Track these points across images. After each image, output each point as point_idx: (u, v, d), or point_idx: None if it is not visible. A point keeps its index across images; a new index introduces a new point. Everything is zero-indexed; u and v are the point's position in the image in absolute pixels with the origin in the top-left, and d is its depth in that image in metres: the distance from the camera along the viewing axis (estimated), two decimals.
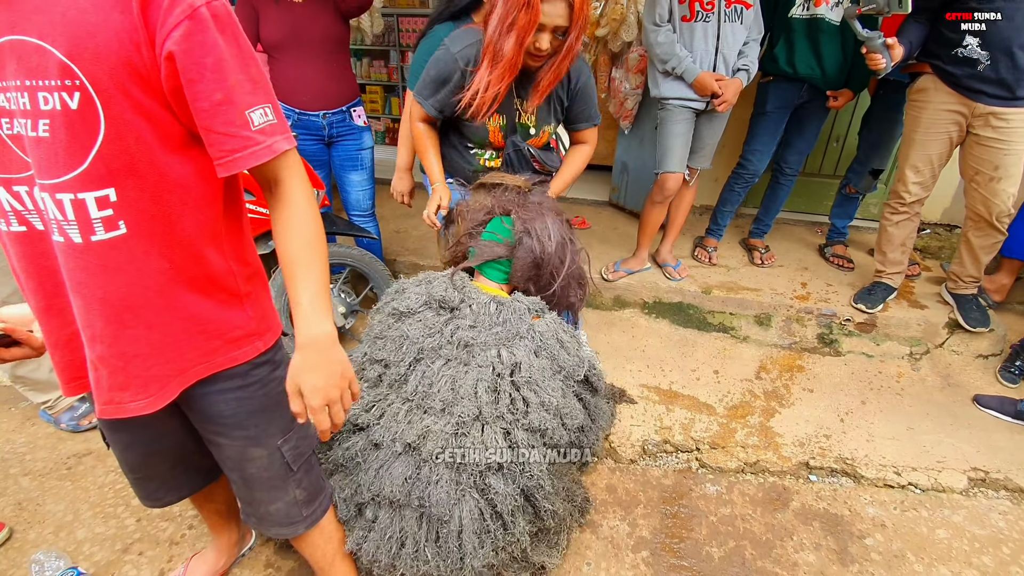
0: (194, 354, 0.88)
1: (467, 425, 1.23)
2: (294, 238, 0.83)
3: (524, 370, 1.31)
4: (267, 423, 0.99)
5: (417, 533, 1.20)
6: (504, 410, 1.25)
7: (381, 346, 1.37)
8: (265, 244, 2.12)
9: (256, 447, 0.99)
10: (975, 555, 1.61)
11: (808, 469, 1.90)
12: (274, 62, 2.24)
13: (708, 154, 2.57)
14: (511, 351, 1.33)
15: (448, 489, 1.18)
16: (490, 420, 1.24)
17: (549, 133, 1.78)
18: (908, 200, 2.38)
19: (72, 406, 1.97)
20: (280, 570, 1.49)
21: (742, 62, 2.33)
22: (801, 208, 3.62)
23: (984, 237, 2.32)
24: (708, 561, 1.56)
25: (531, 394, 1.29)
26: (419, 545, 1.19)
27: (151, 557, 1.51)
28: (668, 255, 2.89)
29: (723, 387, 2.30)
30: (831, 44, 2.43)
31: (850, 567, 1.56)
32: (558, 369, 1.37)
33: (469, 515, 1.18)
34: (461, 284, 1.48)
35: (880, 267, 2.60)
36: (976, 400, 2.20)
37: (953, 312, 2.54)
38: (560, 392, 1.34)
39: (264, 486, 1.03)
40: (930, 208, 3.37)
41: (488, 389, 1.27)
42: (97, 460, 1.85)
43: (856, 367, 2.45)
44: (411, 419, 1.26)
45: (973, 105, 2.11)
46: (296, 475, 1.05)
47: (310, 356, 0.84)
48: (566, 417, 1.34)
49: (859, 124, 2.99)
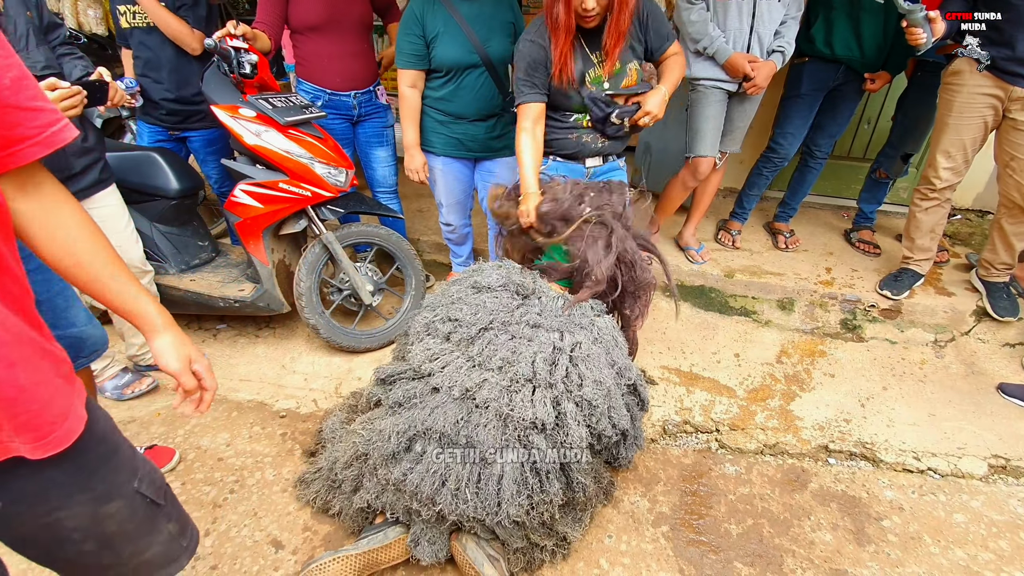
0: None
1: (519, 384, 1.32)
2: (93, 233, 0.79)
3: (583, 349, 1.39)
4: (114, 472, 0.83)
5: (461, 472, 1.29)
6: (559, 379, 1.33)
7: (458, 308, 1.48)
8: (295, 223, 2.18)
9: (109, 503, 0.82)
10: (992, 539, 1.63)
11: (827, 452, 1.93)
12: (306, 42, 2.27)
13: (738, 137, 2.54)
14: (572, 334, 1.42)
15: (495, 433, 1.27)
16: (543, 385, 1.32)
17: (637, 70, 1.85)
18: (939, 186, 2.34)
19: (116, 375, 2.07)
20: (317, 533, 1.57)
21: (778, 43, 2.28)
22: (828, 192, 3.56)
23: (1017, 224, 2.28)
24: (726, 537, 1.61)
25: (587, 370, 1.37)
26: (460, 484, 1.28)
27: (196, 518, 1.60)
28: (691, 238, 2.88)
29: (744, 370, 2.32)
30: (872, 23, 2.36)
31: (866, 547, 1.59)
32: (611, 363, 1.45)
33: (511, 463, 1.27)
34: (533, 277, 1.61)
35: (908, 253, 2.57)
36: (1001, 388, 2.19)
37: (982, 300, 2.51)
38: (612, 381, 1.41)
39: (131, 537, 0.87)
40: (962, 193, 3.30)
41: (546, 360, 1.35)
42: (141, 427, 1.95)
43: (879, 353, 2.45)
44: (471, 374, 1.35)
45: (1010, 88, 2.05)
46: (165, 508, 0.92)
47: (174, 332, 0.86)
48: (613, 411, 1.40)
49: (892, 107, 2.92)
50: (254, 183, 2.04)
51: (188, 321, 2.52)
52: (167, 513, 0.93)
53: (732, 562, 1.53)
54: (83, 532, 0.81)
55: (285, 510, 1.64)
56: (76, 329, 1.37)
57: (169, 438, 1.90)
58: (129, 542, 0.87)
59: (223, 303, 2.26)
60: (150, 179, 2.16)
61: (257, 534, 1.56)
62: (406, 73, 2.06)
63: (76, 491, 0.78)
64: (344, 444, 1.60)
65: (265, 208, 2.07)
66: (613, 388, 1.40)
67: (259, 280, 2.23)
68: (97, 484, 0.80)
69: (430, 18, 1.92)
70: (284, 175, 2.03)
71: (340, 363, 2.32)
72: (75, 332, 1.36)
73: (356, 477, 1.50)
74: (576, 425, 1.31)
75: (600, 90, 1.81)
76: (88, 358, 1.42)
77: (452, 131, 2.10)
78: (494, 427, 1.28)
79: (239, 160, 2.10)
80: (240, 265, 2.44)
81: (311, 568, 1.35)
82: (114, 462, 0.84)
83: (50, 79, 1.27)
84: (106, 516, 0.82)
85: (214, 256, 2.48)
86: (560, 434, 1.31)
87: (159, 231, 2.26)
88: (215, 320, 2.54)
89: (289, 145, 2.02)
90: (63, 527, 0.79)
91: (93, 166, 1.76)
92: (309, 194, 2.08)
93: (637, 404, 1.58)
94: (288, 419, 2.01)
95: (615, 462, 1.71)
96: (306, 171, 2.04)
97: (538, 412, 1.28)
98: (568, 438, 1.30)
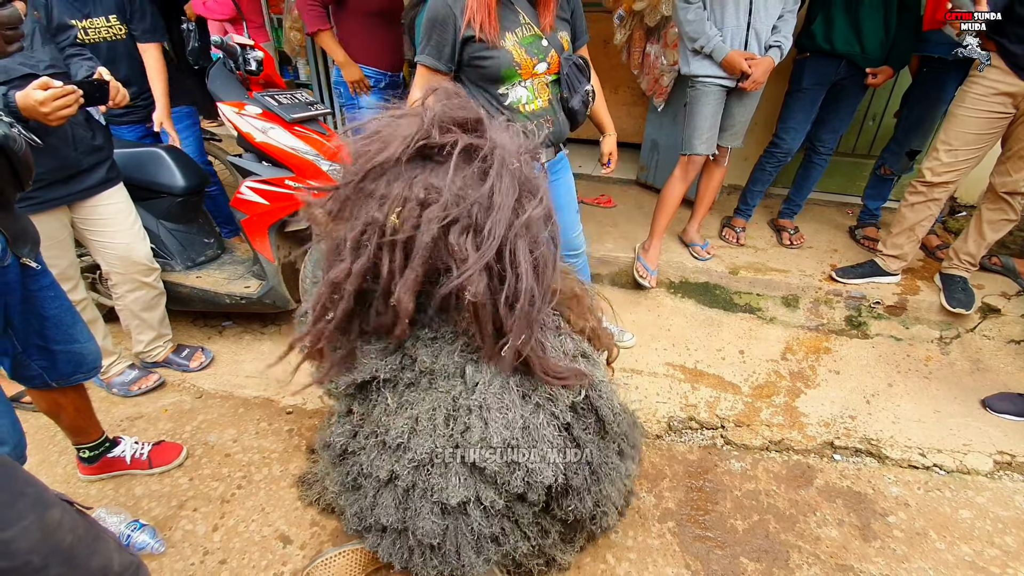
0: None
1: (425, 463, 1.09)
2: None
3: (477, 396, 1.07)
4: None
5: (421, 547, 1.16)
6: (458, 436, 1.07)
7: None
8: (301, 220, 2.18)
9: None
10: (998, 535, 1.63)
11: (832, 448, 1.93)
12: (362, 27, 2.36)
13: (739, 132, 2.54)
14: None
15: (433, 519, 1.09)
16: (446, 454, 1.07)
17: (567, 41, 1.71)
18: (931, 180, 2.29)
19: (123, 371, 2.08)
20: (324, 528, 1.58)
21: (775, 38, 2.27)
22: (832, 188, 3.55)
23: (996, 212, 2.27)
24: (732, 532, 1.61)
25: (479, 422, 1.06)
26: (425, 556, 1.17)
27: (205, 513, 1.62)
28: (695, 235, 2.88)
29: (749, 367, 2.32)
30: (872, 18, 2.36)
31: (872, 543, 1.59)
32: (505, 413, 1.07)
33: (459, 539, 1.12)
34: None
35: (880, 245, 2.58)
36: (985, 405, 2.12)
37: (939, 293, 2.50)
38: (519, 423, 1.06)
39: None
40: (969, 189, 3.29)
41: (445, 420, 1.09)
42: (148, 423, 1.96)
43: (884, 350, 2.45)
44: (380, 457, 1.14)
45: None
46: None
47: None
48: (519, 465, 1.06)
49: (897, 103, 2.92)
50: (260, 180, 2.05)
51: (193, 318, 2.52)
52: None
53: (738, 557, 1.54)
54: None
55: (293, 505, 1.64)
56: (79, 345, 1.42)
57: (176, 434, 1.91)
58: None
59: (229, 300, 2.26)
60: (156, 176, 2.17)
61: (265, 529, 1.57)
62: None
63: None
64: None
65: (271, 205, 2.08)
66: (520, 432, 1.06)
67: (265, 277, 2.24)
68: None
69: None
70: (290, 172, 2.04)
71: None
72: (77, 348, 1.42)
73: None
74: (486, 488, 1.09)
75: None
76: (86, 374, 1.47)
77: None
78: (427, 512, 1.09)
79: (245, 157, 2.11)
80: (246, 262, 2.44)
81: (317, 563, 1.36)
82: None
83: (42, 78, 1.27)
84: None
85: (220, 253, 2.49)
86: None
87: (165, 228, 2.27)
88: (221, 317, 2.54)
89: (295, 142, 2.02)
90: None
91: (101, 164, 1.78)
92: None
93: (595, 433, 1.18)
94: (295, 415, 2.01)
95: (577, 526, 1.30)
96: (312, 168, 2.04)
97: (451, 493, 1.06)
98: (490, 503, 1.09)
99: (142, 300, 2.01)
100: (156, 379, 2.12)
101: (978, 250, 2.38)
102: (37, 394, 1.46)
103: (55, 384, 1.42)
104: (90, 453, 1.64)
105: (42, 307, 1.32)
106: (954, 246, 2.48)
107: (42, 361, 1.37)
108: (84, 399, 1.56)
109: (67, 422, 1.55)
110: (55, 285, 1.36)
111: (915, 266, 2.79)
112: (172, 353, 2.22)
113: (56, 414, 1.51)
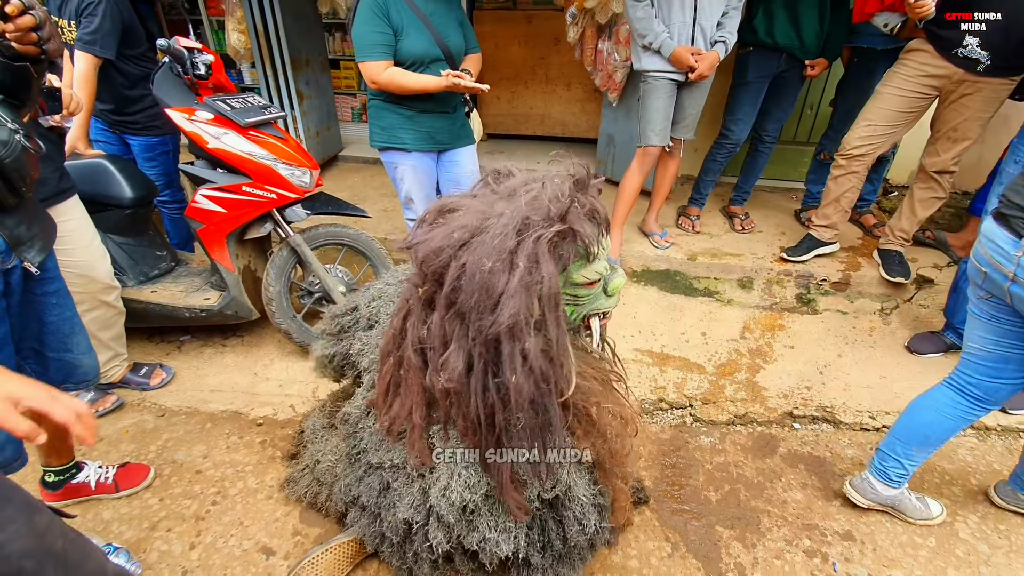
0: None
1: (400, 467, 1.13)
2: None
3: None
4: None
5: (389, 539, 1.19)
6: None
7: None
8: (260, 227, 2.13)
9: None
10: (945, 487, 1.78)
11: (792, 418, 2.05)
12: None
13: (691, 124, 2.64)
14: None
15: (399, 519, 1.11)
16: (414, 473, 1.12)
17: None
18: (848, 149, 2.46)
19: (77, 394, 1.97)
20: (307, 536, 1.56)
21: (720, 33, 2.38)
22: (777, 175, 3.74)
23: (927, 190, 2.46)
24: (706, 504, 1.69)
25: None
26: (393, 548, 1.21)
27: (179, 532, 1.56)
28: (654, 224, 2.98)
29: (711, 348, 2.42)
30: (809, 14, 2.51)
31: (833, 502, 1.71)
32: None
33: (418, 548, 1.14)
34: None
35: (814, 218, 2.76)
36: (911, 350, 2.38)
37: (878, 267, 2.69)
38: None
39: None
40: (898, 170, 3.54)
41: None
42: (109, 445, 1.87)
43: (832, 324, 2.61)
44: (373, 441, 1.20)
45: (956, 70, 2.17)
46: None
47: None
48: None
49: (832, 92, 3.10)
50: (216, 187, 1.99)
51: (150, 334, 2.42)
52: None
53: (714, 526, 1.62)
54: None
55: (272, 516, 1.61)
56: (71, 355, 1.41)
57: (141, 455, 1.83)
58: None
59: (188, 313, 2.19)
60: (102, 188, 2.06)
61: (245, 543, 1.53)
62: (378, 64, 1.93)
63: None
64: (326, 444, 1.58)
65: (228, 213, 2.02)
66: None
67: (225, 287, 2.17)
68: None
69: (393, 12, 1.91)
70: (247, 178, 1.99)
71: None
72: (69, 357, 1.41)
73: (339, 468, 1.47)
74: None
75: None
76: (76, 385, 1.45)
77: (420, 125, 2.10)
78: (395, 511, 1.11)
79: (198, 164, 2.04)
80: (203, 273, 2.36)
81: (304, 563, 1.34)
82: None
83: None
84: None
85: (174, 266, 2.39)
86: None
87: (114, 242, 2.16)
88: (179, 332, 2.45)
89: (250, 147, 1.97)
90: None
91: (50, 176, 1.67)
92: (274, 196, 2.03)
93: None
94: (266, 426, 1.97)
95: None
96: (270, 173, 2.00)
97: (401, 508, 1.09)
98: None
99: (100, 320, 1.91)
100: (114, 400, 2.02)
101: (911, 226, 2.57)
102: None
103: None
104: (55, 478, 1.56)
105: (42, 312, 1.32)
106: (889, 224, 2.67)
107: (35, 365, 1.36)
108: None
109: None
110: (60, 293, 1.35)
111: (855, 244, 2.99)
112: (129, 372, 2.12)
113: (37, 424, 1.44)
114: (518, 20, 4.38)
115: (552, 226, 0.83)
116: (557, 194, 0.87)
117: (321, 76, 4.14)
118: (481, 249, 0.81)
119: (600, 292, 1.02)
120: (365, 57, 1.93)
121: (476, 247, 0.82)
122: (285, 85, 3.81)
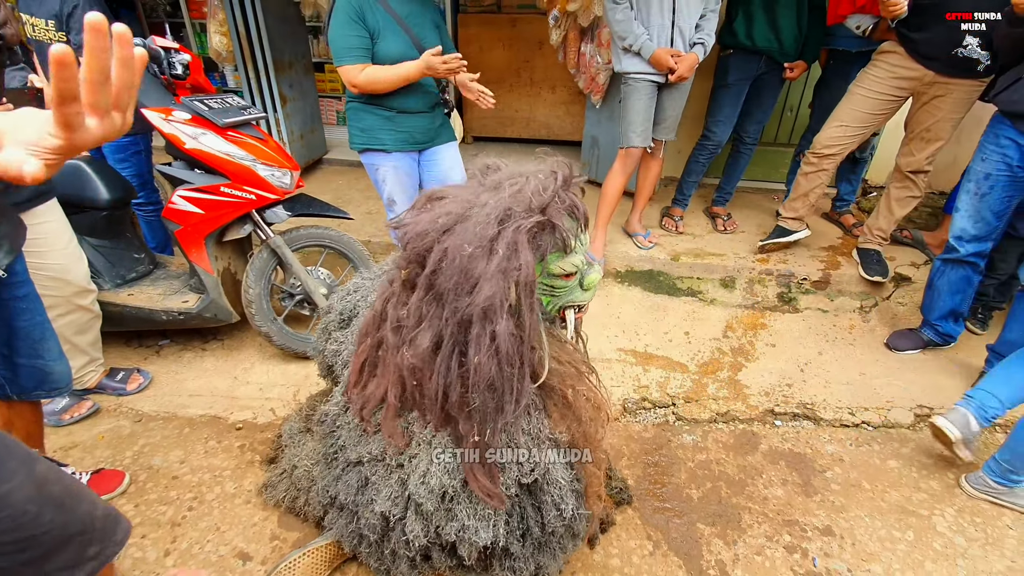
0: None
1: (378, 460, 1.12)
2: None
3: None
4: None
5: (367, 538, 1.18)
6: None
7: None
8: (240, 229, 2.11)
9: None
10: (923, 480, 1.80)
11: (773, 415, 2.07)
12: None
13: (672, 126, 2.66)
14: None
15: (376, 516, 1.10)
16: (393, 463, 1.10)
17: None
18: (818, 149, 2.52)
19: (52, 400, 1.93)
20: (286, 541, 1.53)
21: (699, 35, 2.41)
22: (758, 176, 3.79)
23: (903, 190, 2.51)
24: (688, 501, 1.70)
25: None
26: (371, 548, 1.20)
27: (154, 539, 1.53)
28: (637, 225, 3.00)
29: (694, 347, 2.44)
30: (788, 16, 2.55)
31: (813, 497, 1.72)
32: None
33: (396, 545, 1.12)
34: None
35: (782, 210, 2.81)
36: (889, 347, 2.41)
37: (858, 266, 2.73)
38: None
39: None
40: (877, 171, 3.59)
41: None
42: (84, 451, 1.83)
43: (813, 322, 2.63)
44: (352, 437, 1.17)
45: (927, 72, 2.22)
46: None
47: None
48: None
49: (810, 94, 3.15)
50: (193, 188, 1.96)
51: (128, 338, 2.38)
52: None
53: (695, 524, 1.62)
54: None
55: (250, 521, 1.59)
56: (42, 361, 1.38)
57: (117, 461, 1.79)
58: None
59: (166, 316, 2.15)
60: (77, 190, 2.03)
61: (222, 548, 1.51)
62: (355, 67, 1.93)
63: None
64: (302, 448, 1.57)
65: (206, 214, 1.99)
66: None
67: (204, 290, 2.14)
68: None
69: (368, 15, 1.91)
70: (225, 179, 1.97)
71: (296, 370, 2.26)
72: (40, 364, 1.38)
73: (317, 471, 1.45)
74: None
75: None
76: (47, 392, 1.42)
77: (400, 126, 2.09)
78: (372, 508, 1.09)
79: (175, 165, 2.01)
80: (181, 276, 2.33)
81: (281, 568, 1.32)
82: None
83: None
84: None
85: (152, 268, 2.36)
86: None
87: (90, 245, 2.13)
88: (157, 336, 2.41)
89: (229, 147, 1.95)
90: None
91: None
92: (253, 197, 2.01)
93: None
94: (245, 431, 1.94)
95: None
96: (249, 173, 1.98)
97: (380, 501, 1.07)
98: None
99: (75, 324, 1.87)
100: (90, 406, 1.98)
101: (888, 225, 2.62)
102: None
103: (15, 397, 1.37)
104: None
105: (11, 317, 1.29)
106: (867, 223, 2.71)
107: (4, 371, 1.33)
108: (38, 423, 1.50)
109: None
110: (30, 298, 1.32)
111: (835, 244, 3.03)
112: (105, 377, 2.08)
113: (7, 431, 1.41)
114: (502, 23, 4.40)
115: (532, 217, 0.87)
116: (539, 188, 0.90)
117: (305, 79, 4.12)
118: (463, 235, 0.85)
119: (576, 285, 1.04)
120: (343, 61, 1.93)
121: (459, 233, 0.85)
122: (268, 88, 3.79)
